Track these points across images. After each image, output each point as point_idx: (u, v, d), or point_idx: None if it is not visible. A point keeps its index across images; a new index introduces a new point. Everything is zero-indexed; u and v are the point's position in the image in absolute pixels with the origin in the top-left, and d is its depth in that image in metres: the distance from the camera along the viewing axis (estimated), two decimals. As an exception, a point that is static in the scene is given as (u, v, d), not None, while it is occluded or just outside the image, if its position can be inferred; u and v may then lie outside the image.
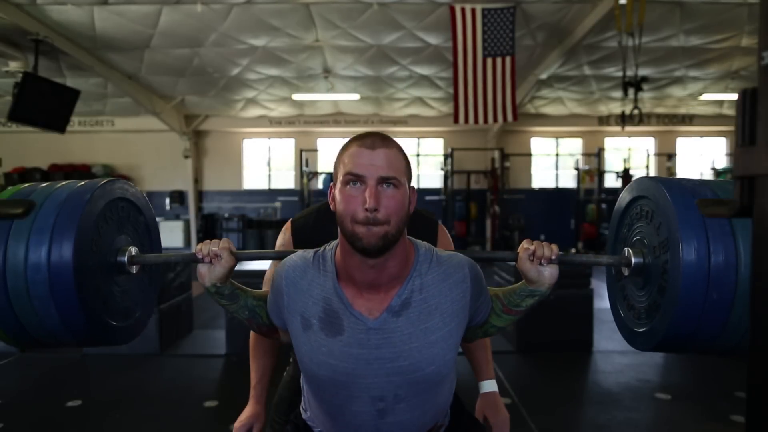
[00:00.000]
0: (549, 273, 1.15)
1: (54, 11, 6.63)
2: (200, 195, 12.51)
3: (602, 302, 6.34)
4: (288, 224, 1.58)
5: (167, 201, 12.24)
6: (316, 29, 7.57)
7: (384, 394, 1.08)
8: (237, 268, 1.31)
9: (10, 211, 1.05)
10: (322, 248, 1.16)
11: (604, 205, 11.47)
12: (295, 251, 1.19)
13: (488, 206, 11.37)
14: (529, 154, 12.66)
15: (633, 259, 1.19)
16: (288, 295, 1.11)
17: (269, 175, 12.84)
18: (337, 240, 1.12)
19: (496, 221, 11.18)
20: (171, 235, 12.01)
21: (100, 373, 3.99)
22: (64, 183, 1.20)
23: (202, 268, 1.15)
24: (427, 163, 12.86)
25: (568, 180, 12.61)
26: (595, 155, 11.62)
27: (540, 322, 4.38)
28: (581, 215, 11.38)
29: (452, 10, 7.00)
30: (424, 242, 1.17)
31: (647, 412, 3.29)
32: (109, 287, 1.21)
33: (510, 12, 7.02)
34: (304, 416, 1.26)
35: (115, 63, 8.58)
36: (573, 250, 11.05)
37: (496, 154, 11.37)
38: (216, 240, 1.16)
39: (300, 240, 1.52)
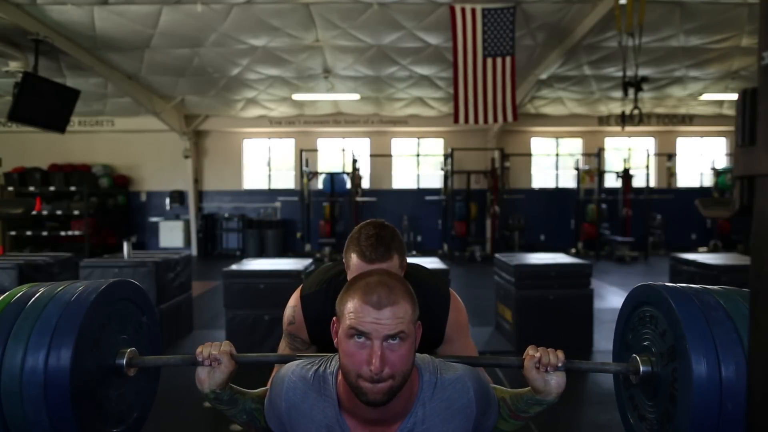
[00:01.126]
0: (556, 382, 1.14)
1: (54, 11, 6.63)
2: (200, 195, 12.51)
3: (602, 302, 6.34)
4: (297, 298, 1.53)
5: (167, 201, 12.23)
6: (316, 29, 7.57)
7: None
8: (236, 267, 1.31)
9: (10, 211, 1.05)
10: (322, 367, 1.13)
11: (604, 205, 11.46)
12: (295, 357, 1.17)
13: (488, 206, 11.37)
14: (529, 154, 12.66)
15: (641, 368, 1.15)
16: (290, 417, 1.10)
17: (269, 175, 12.83)
18: (338, 363, 1.09)
19: (496, 221, 11.18)
20: (171, 235, 12.00)
21: (100, 373, 3.99)
22: (67, 284, 1.18)
23: (202, 374, 1.14)
24: (427, 163, 12.86)
25: (568, 180, 12.61)
26: (595, 155, 11.61)
27: (540, 322, 4.38)
28: (581, 215, 11.37)
29: (452, 10, 7.00)
30: (429, 362, 1.13)
31: (647, 412, 3.29)
32: (106, 391, 1.18)
33: (510, 12, 7.03)
34: None
35: (115, 63, 8.58)
36: (573, 250, 11.05)
37: (496, 154, 11.37)
38: (217, 343, 1.16)
39: (311, 317, 1.48)
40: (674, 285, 1.16)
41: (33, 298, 1.14)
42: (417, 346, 1.06)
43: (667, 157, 12.35)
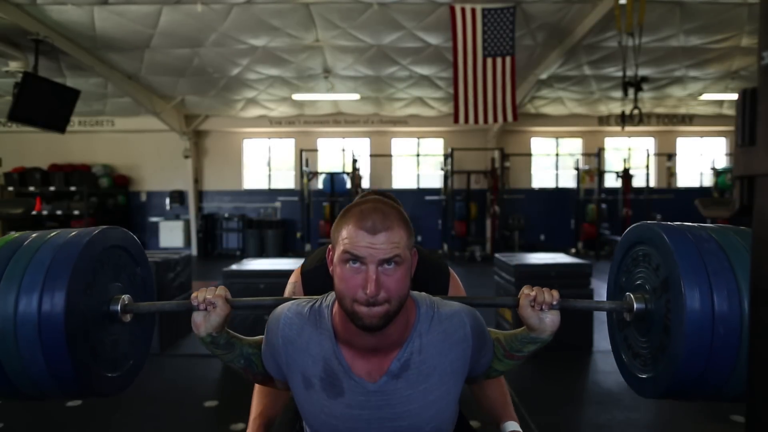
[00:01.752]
0: (550, 320, 1.15)
1: (54, 11, 6.63)
2: (200, 195, 12.51)
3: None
4: (298, 274, 1.54)
5: (167, 201, 12.23)
6: (316, 29, 7.57)
7: None
8: (235, 267, 1.31)
9: (10, 211, 1.05)
10: (317, 301, 1.13)
11: (604, 205, 11.46)
12: (289, 299, 1.17)
13: (488, 206, 11.36)
14: (529, 154, 12.66)
15: (635, 305, 1.17)
16: (286, 353, 1.10)
17: (269, 175, 12.83)
18: (334, 295, 1.10)
19: (496, 221, 11.18)
20: (171, 235, 12.00)
21: (100, 373, 3.99)
22: (54, 233, 1.18)
23: (198, 318, 1.13)
24: (427, 163, 12.86)
25: (568, 180, 12.61)
26: (595, 155, 11.61)
27: (540, 322, 4.38)
28: (581, 215, 11.38)
29: (452, 10, 7.00)
30: (426, 297, 1.14)
31: (647, 412, 3.29)
32: (100, 336, 1.18)
33: (510, 12, 7.03)
34: None
35: (115, 63, 8.58)
36: (573, 250, 11.05)
37: (496, 154, 11.37)
38: (212, 288, 1.15)
39: (311, 288, 1.49)
40: (667, 223, 1.18)
41: (26, 242, 1.14)
42: (413, 273, 1.06)
43: (667, 157, 12.35)
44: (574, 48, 8.01)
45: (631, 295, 1.19)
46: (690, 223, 1.17)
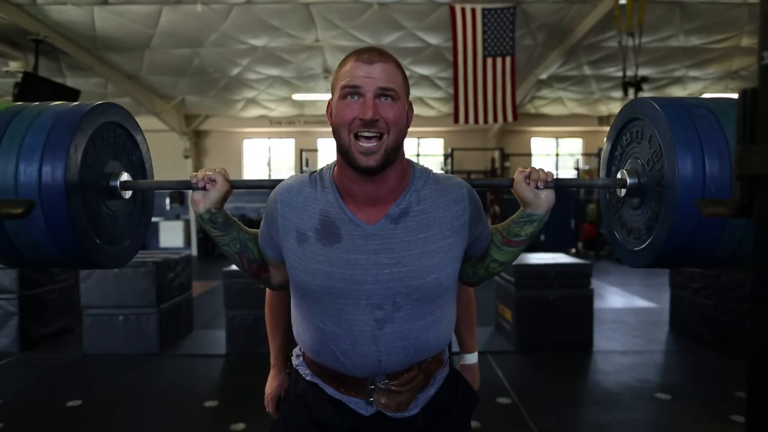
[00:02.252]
0: (545, 195, 1.14)
1: (54, 11, 6.63)
2: (200, 195, 12.50)
3: (602, 302, 6.34)
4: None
5: (167, 201, 12.24)
6: (316, 29, 7.57)
7: (382, 302, 1.06)
8: (236, 268, 1.30)
9: (10, 210, 1.05)
10: (319, 169, 1.15)
11: (604, 205, 11.46)
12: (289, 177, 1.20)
13: (488, 206, 11.37)
14: (529, 154, 12.66)
15: (628, 180, 1.20)
16: (283, 215, 1.10)
17: (269, 175, 12.84)
18: (334, 161, 1.12)
19: (496, 221, 11.19)
20: (171, 235, 12.01)
21: (100, 373, 3.99)
22: (55, 103, 1.18)
23: (197, 195, 1.14)
24: (427, 163, 12.84)
25: (568, 180, 12.62)
26: (595, 155, 11.62)
27: (540, 322, 4.38)
28: (581, 215, 11.38)
29: (452, 10, 7.01)
30: (420, 164, 1.16)
31: (647, 412, 3.29)
32: (99, 208, 1.20)
33: (510, 12, 7.03)
34: (295, 363, 1.25)
35: (115, 63, 8.58)
36: (573, 250, 11.05)
37: (496, 154, 11.37)
38: (212, 167, 1.16)
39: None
40: (661, 97, 1.20)
41: (27, 107, 1.14)
42: (409, 125, 1.07)
43: (667, 157, 12.35)
44: (574, 48, 8.01)
45: (625, 171, 1.22)
46: (682, 98, 1.19)
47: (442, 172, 1.58)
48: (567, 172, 12.69)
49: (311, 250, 1.07)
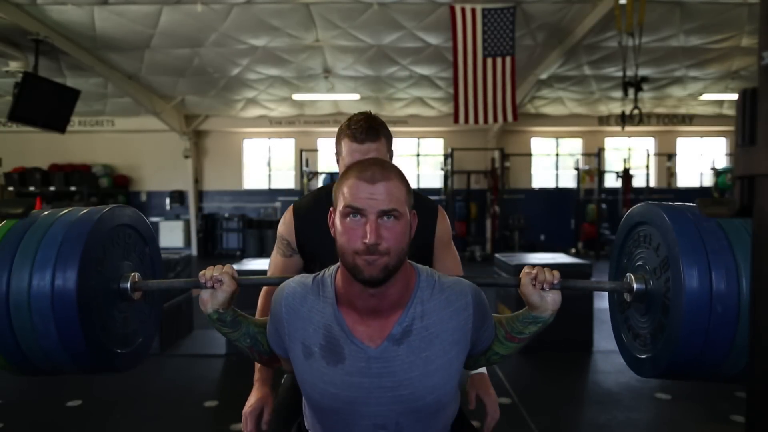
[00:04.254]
0: (551, 299, 1.15)
1: (54, 11, 6.63)
2: (200, 195, 12.51)
3: (602, 302, 6.33)
4: (290, 211, 1.60)
5: (167, 201, 12.23)
6: (316, 29, 7.57)
7: (386, 422, 1.08)
8: (237, 267, 1.31)
9: (10, 210, 1.05)
10: (321, 273, 1.14)
11: (604, 205, 11.46)
12: (293, 277, 1.18)
13: (488, 206, 11.37)
14: (529, 154, 12.66)
15: (635, 285, 1.18)
16: (288, 322, 1.10)
17: (269, 175, 12.84)
18: (337, 265, 1.11)
19: (496, 221, 11.18)
20: (171, 235, 12.00)
21: (100, 373, 3.99)
22: (65, 212, 1.20)
23: (205, 295, 1.16)
24: (427, 163, 12.86)
25: (568, 180, 12.61)
26: (595, 155, 11.62)
27: (540, 322, 4.38)
28: (581, 215, 11.38)
29: (452, 10, 7.00)
30: (426, 267, 1.15)
31: (647, 412, 3.29)
32: (111, 312, 1.21)
33: (510, 12, 7.03)
34: (306, 424, 1.26)
35: (115, 63, 8.58)
36: (573, 250, 11.05)
37: (496, 154, 11.37)
38: (219, 266, 1.18)
39: (300, 219, 1.54)
40: (668, 203, 1.19)
41: (34, 225, 1.16)
42: (413, 235, 1.07)
43: (667, 157, 12.35)
44: (574, 48, 8.01)
45: (632, 276, 1.20)
46: (691, 204, 1.18)
47: (448, 276, 1.58)
48: (567, 172, 12.69)
49: (317, 367, 1.08)
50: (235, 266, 4.67)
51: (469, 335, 1.11)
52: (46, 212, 1.20)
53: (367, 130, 1.50)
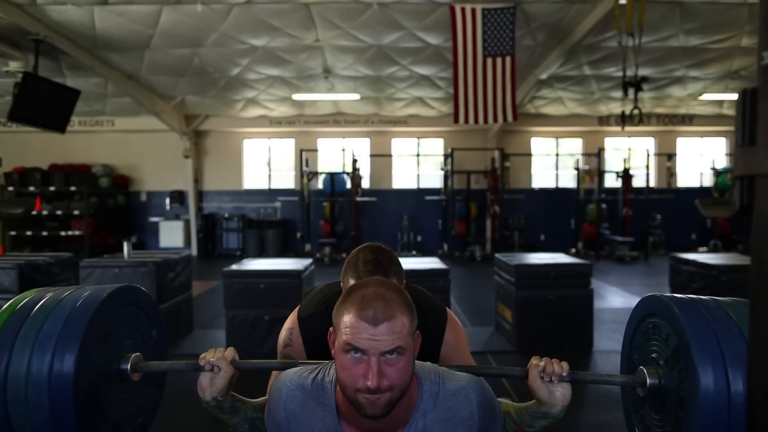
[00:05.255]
0: (561, 394, 1.12)
1: (54, 11, 6.63)
2: (200, 195, 12.51)
3: (602, 302, 6.34)
4: (294, 320, 1.52)
5: (167, 201, 12.24)
6: (316, 29, 7.57)
7: None
8: (236, 267, 1.30)
9: (10, 210, 1.05)
10: (320, 375, 1.11)
11: (604, 205, 11.47)
12: (296, 364, 1.16)
13: (488, 206, 11.37)
14: (529, 154, 12.66)
15: (648, 380, 1.12)
16: (288, 427, 1.09)
17: (269, 175, 12.83)
18: (334, 370, 1.07)
19: (496, 221, 11.18)
20: (171, 235, 12.00)
21: (100, 373, 3.99)
22: (70, 291, 1.19)
23: (204, 381, 1.14)
24: (427, 163, 12.86)
25: (568, 180, 12.61)
26: (595, 155, 11.62)
27: (540, 322, 4.38)
28: (581, 215, 11.38)
29: (452, 10, 7.00)
30: (430, 370, 1.11)
31: (647, 412, 3.29)
32: (109, 395, 1.18)
33: (510, 12, 7.03)
34: None
35: (115, 63, 8.58)
36: (573, 250, 11.05)
37: (496, 154, 11.37)
38: (221, 349, 1.16)
39: (309, 339, 1.46)
40: (682, 297, 1.14)
41: (39, 305, 1.15)
42: (416, 356, 1.04)
43: (667, 157, 12.35)
44: (574, 48, 8.01)
45: (644, 370, 1.14)
46: (700, 296, 1.15)
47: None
48: (567, 172, 12.69)
49: None
50: (235, 266, 4.66)
51: None
52: (49, 295, 1.18)
53: (375, 274, 1.34)
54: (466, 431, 1.07)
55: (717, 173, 11.48)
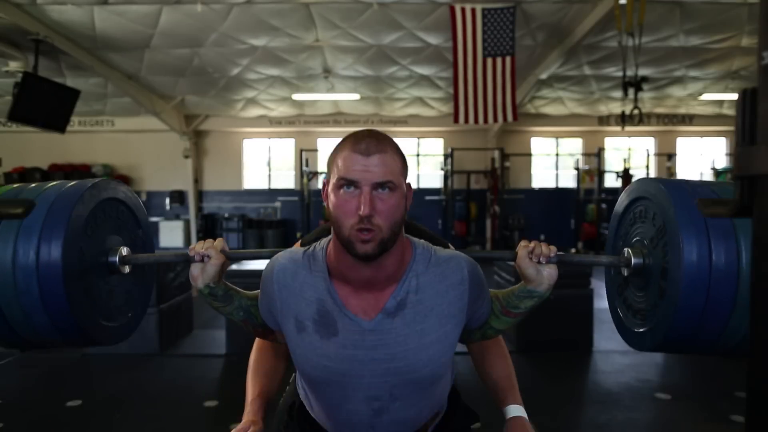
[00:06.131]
0: (548, 273, 1.14)
1: (54, 11, 6.63)
2: (200, 195, 12.51)
3: (602, 302, 6.33)
4: (296, 245, 1.55)
5: (167, 201, 12.24)
6: (316, 29, 7.57)
7: (380, 394, 1.08)
8: (236, 267, 1.31)
9: (10, 210, 1.05)
10: (311, 247, 1.14)
11: (604, 205, 11.47)
12: (283, 253, 1.17)
13: (488, 206, 11.37)
14: (529, 154, 12.66)
15: (633, 260, 1.17)
16: (280, 299, 1.10)
17: (269, 175, 12.84)
18: (328, 238, 1.11)
19: (496, 221, 11.18)
20: (171, 235, 12.00)
21: (100, 373, 3.99)
22: (54, 183, 1.18)
23: (195, 270, 1.15)
24: (427, 163, 12.86)
25: (568, 180, 12.62)
26: (595, 155, 11.62)
27: (540, 322, 4.38)
28: (581, 215, 11.38)
29: (452, 10, 7.00)
30: (422, 241, 1.15)
31: (647, 412, 3.30)
32: (100, 287, 1.20)
33: (510, 12, 7.03)
34: (301, 394, 1.27)
35: (115, 63, 8.58)
36: (573, 250, 11.05)
37: (496, 154, 11.37)
38: (209, 240, 1.16)
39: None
40: (670, 179, 1.19)
41: (21, 194, 1.15)
42: (408, 207, 1.07)
43: (667, 157, 12.35)
44: (574, 48, 8.01)
45: (629, 250, 1.19)
46: (697, 180, 1.19)
47: (442, 243, 1.50)
48: (567, 172, 12.69)
49: (309, 341, 1.08)
50: (235, 266, 4.67)
51: (465, 309, 1.11)
52: (32, 185, 1.18)
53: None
54: (458, 297, 1.09)
55: (717, 173, 11.48)
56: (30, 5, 6.43)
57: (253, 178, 12.84)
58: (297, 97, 10.48)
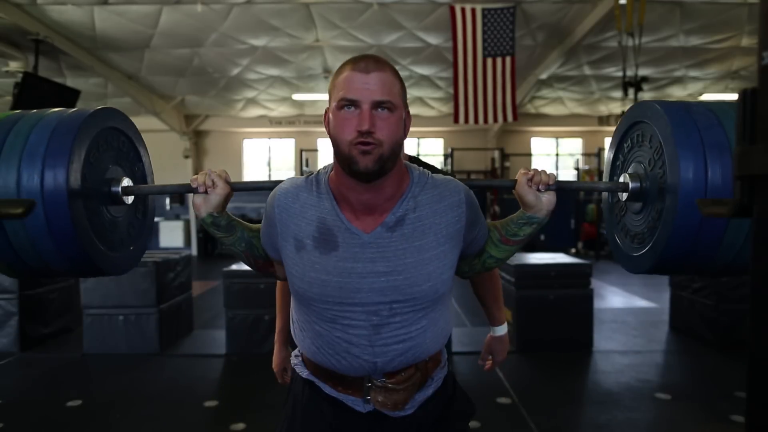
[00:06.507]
0: (547, 199, 1.15)
1: (54, 11, 6.63)
2: (200, 195, 12.51)
3: (602, 302, 6.34)
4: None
5: (167, 201, 12.24)
6: (316, 29, 7.57)
7: (378, 309, 1.07)
8: (236, 268, 1.31)
9: (10, 210, 1.04)
10: (314, 173, 1.15)
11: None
12: (285, 180, 1.20)
13: (488, 206, 11.37)
14: (529, 154, 12.66)
15: (630, 184, 1.20)
16: (281, 222, 1.10)
17: (269, 175, 12.83)
18: (330, 164, 1.13)
19: (495, 221, 11.18)
20: (171, 235, 12.00)
21: (100, 373, 3.99)
22: (55, 110, 1.17)
23: (198, 199, 1.15)
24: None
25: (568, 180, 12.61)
26: (595, 155, 11.62)
27: (540, 322, 4.38)
28: (581, 215, 11.38)
29: (452, 10, 7.00)
30: (419, 167, 1.16)
31: (647, 412, 3.29)
32: (103, 216, 1.20)
33: (510, 12, 7.03)
34: (293, 362, 1.26)
35: (115, 63, 8.58)
36: (573, 250, 11.04)
37: (496, 154, 11.37)
38: (212, 170, 1.17)
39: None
40: (666, 100, 1.21)
41: (21, 119, 1.13)
42: (406, 134, 1.09)
43: (667, 157, 12.36)
44: (574, 48, 8.01)
45: (627, 175, 1.22)
46: (694, 102, 1.21)
47: (443, 173, 1.56)
48: (567, 172, 12.69)
49: (308, 258, 1.08)
50: (235, 266, 4.65)
51: (462, 232, 1.12)
52: (34, 111, 1.17)
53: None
54: (456, 219, 1.10)
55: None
56: (30, 5, 6.43)
57: (253, 178, 12.81)
58: (297, 97, 10.48)
